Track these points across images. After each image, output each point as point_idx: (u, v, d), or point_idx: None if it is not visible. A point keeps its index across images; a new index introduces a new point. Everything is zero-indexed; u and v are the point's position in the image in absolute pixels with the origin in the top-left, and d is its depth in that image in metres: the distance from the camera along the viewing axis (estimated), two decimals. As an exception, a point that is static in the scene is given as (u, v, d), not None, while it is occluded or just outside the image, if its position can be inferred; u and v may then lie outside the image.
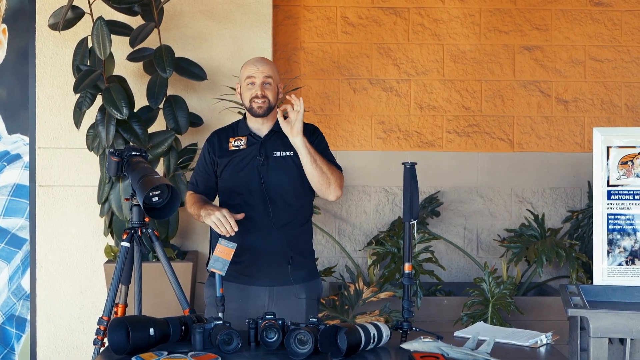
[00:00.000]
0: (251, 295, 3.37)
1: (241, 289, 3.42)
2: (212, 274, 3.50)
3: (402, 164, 3.04)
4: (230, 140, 3.52)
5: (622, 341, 4.70)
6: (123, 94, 4.21)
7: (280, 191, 3.40)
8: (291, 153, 3.45)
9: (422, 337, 2.76)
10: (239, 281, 3.42)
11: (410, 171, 3.03)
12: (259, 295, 3.41)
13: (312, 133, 3.55)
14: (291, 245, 3.45)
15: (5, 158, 4.81)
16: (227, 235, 3.22)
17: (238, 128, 3.56)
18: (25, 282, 4.81)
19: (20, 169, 4.82)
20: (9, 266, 4.80)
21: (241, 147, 3.48)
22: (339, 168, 3.54)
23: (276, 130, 3.49)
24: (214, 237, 3.31)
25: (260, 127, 3.51)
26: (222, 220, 3.23)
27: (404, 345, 2.72)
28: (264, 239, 3.37)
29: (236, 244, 3.17)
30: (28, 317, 4.81)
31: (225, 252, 3.15)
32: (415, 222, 3.02)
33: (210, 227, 3.32)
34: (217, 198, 3.63)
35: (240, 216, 3.31)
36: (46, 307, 4.78)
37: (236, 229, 3.23)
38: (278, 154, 3.46)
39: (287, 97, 3.39)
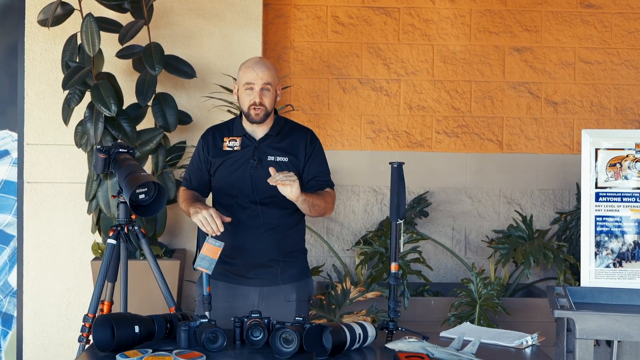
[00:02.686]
0: (240, 294, 3.36)
1: (231, 289, 3.42)
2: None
3: (390, 163, 3.04)
4: (225, 139, 3.48)
5: (609, 343, 4.73)
6: (112, 91, 4.20)
7: (272, 195, 3.33)
8: (285, 159, 3.43)
9: (407, 337, 2.76)
10: (229, 281, 3.41)
11: (397, 171, 3.03)
12: (248, 295, 3.40)
13: (309, 143, 3.51)
14: (281, 246, 3.43)
15: (-7, 154, 4.80)
16: (212, 234, 3.20)
17: (233, 127, 3.51)
18: (12, 279, 4.80)
19: (9, 165, 4.81)
20: (-4, 263, 4.79)
21: (235, 148, 3.45)
22: (331, 185, 3.54)
23: (272, 135, 3.46)
24: (202, 236, 3.29)
25: (256, 129, 3.47)
26: (208, 220, 3.20)
27: (389, 345, 2.73)
28: (254, 241, 3.35)
29: (223, 243, 3.16)
30: (15, 314, 4.80)
31: (212, 250, 3.15)
32: (402, 222, 3.02)
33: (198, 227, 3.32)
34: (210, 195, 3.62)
35: (227, 219, 3.27)
36: (33, 304, 4.76)
37: (222, 230, 3.20)
38: (272, 158, 3.42)
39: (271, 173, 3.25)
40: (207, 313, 3.20)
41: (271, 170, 3.21)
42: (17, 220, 4.78)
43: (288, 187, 3.17)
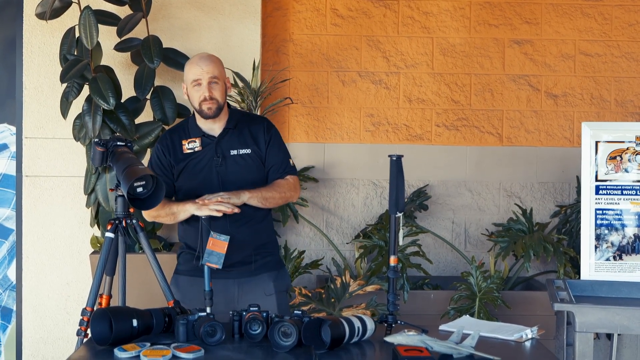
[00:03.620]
0: (220, 288, 3.33)
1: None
2: (178, 272, 3.56)
3: (389, 156, 3.03)
4: (183, 142, 3.46)
5: (609, 336, 4.73)
6: (110, 84, 4.19)
7: (240, 189, 3.37)
8: (248, 150, 3.44)
9: (406, 330, 2.74)
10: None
11: (396, 164, 3.01)
12: (227, 288, 3.41)
13: (266, 131, 3.51)
14: (254, 240, 3.46)
15: (-9, 148, 4.79)
16: (232, 212, 3.24)
17: (189, 129, 3.49)
18: (12, 273, 4.79)
19: (7, 159, 4.80)
20: (-5, 256, 4.78)
21: (196, 149, 3.44)
22: (290, 170, 3.54)
23: (230, 128, 3.46)
24: (206, 232, 3.26)
25: (212, 126, 3.47)
26: (219, 207, 3.25)
27: (388, 339, 2.71)
28: (231, 235, 3.27)
29: (229, 237, 3.15)
30: (14, 308, 4.79)
31: (218, 245, 3.13)
32: (401, 215, 3.01)
33: (201, 221, 3.27)
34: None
35: (237, 210, 3.31)
36: (32, 297, 4.76)
37: (237, 210, 3.28)
38: (235, 152, 3.43)
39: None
40: (208, 308, 3.19)
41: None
42: (16, 214, 4.77)
43: (223, 206, 3.26)
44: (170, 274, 4.37)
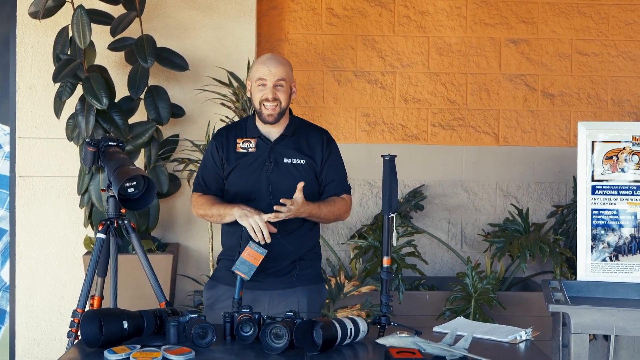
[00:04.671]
0: (249, 299, 3.20)
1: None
2: (215, 278, 3.40)
3: (382, 156, 3.01)
4: (238, 141, 3.34)
5: (606, 337, 4.71)
6: (103, 84, 4.17)
7: (289, 198, 3.19)
8: (302, 161, 3.32)
9: (398, 332, 2.72)
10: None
11: (389, 164, 3.00)
12: (258, 299, 3.27)
13: (326, 145, 3.41)
14: (295, 251, 3.32)
15: (-15, 148, 4.77)
16: (261, 242, 3.10)
17: (247, 128, 3.38)
18: (5, 273, 4.77)
19: (1, 159, 4.78)
20: (-11, 257, 4.76)
21: (250, 150, 3.32)
22: (347, 189, 3.46)
23: (287, 135, 3.34)
24: (245, 239, 3.16)
25: (270, 129, 3.34)
26: (260, 225, 3.11)
27: (380, 341, 2.69)
28: (271, 246, 3.16)
29: (267, 251, 3.05)
30: (7, 309, 4.77)
31: (253, 256, 3.04)
32: (394, 215, 2.99)
33: (244, 229, 3.17)
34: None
35: (274, 230, 3.15)
36: (26, 298, 4.73)
37: (269, 240, 3.11)
38: (289, 160, 3.31)
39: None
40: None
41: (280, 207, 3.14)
42: (10, 214, 4.75)
43: (259, 232, 3.12)
44: (165, 274, 4.37)
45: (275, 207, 3.13)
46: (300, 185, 3.16)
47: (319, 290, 3.43)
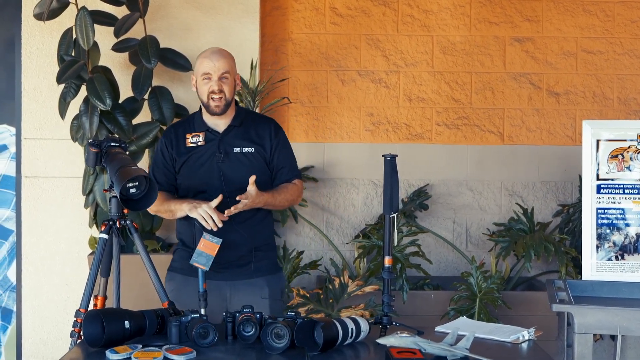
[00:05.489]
0: (212, 288, 3.28)
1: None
2: (172, 269, 3.54)
3: (383, 156, 3.01)
4: (187, 136, 3.46)
5: (613, 337, 4.69)
6: (107, 85, 4.18)
7: (241, 187, 3.32)
8: (252, 149, 3.43)
9: (398, 332, 2.72)
10: None
11: (390, 163, 3.00)
12: (220, 289, 3.38)
13: (274, 133, 3.51)
14: (252, 240, 3.44)
15: (-9, 149, 4.79)
16: (214, 229, 3.20)
17: (194, 123, 3.50)
18: (12, 274, 4.79)
19: (7, 160, 4.79)
20: (-5, 257, 4.78)
21: (199, 143, 3.44)
22: (298, 174, 3.57)
23: (235, 125, 3.46)
24: (198, 232, 3.26)
25: (217, 122, 3.47)
26: (209, 213, 3.22)
27: (380, 341, 2.69)
28: (226, 234, 3.26)
29: (221, 240, 3.13)
30: (14, 309, 4.79)
31: (209, 247, 3.11)
32: (395, 215, 2.99)
33: (196, 221, 3.29)
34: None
35: (225, 217, 3.26)
36: (32, 298, 4.75)
37: (220, 225, 3.23)
38: (239, 150, 3.43)
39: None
40: (202, 310, 3.17)
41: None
42: (16, 214, 4.77)
43: (210, 220, 3.25)
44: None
45: (237, 197, 3.24)
46: (252, 178, 3.28)
47: (277, 279, 3.56)
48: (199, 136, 3.45)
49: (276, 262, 3.63)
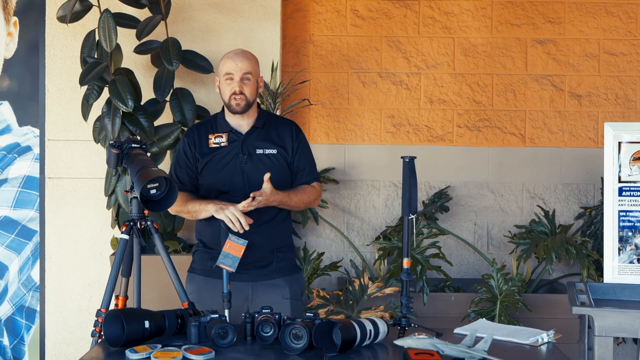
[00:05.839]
0: (234, 289, 3.31)
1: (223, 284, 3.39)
2: (193, 270, 3.57)
3: (401, 157, 3.02)
4: (210, 136, 3.49)
5: (636, 341, 4.65)
6: (129, 87, 4.21)
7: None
8: (274, 151, 3.46)
9: (416, 333, 2.72)
10: (222, 277, 3.37)
11: (409, 165, 3.01)
12: (241, 290, 3.40)
13: (295, 136, 3.53)
14: (274, 241, 3.47)
15: (16, 150, 4.83)
16: (240, 231, 3.22)
17: (217, 124, 3.52)
18: (35, 274, 4.83)
19: (31, 161, 4.84)
20: (19, 257, 4.82)
21: (222, 144, 3.46)
22: (317, 177, 3.59)
23: (258, 127, 3.48)
24: (224, 233, 3.28)
25: (240, 122, 3.49)
26: (236, 215, 3.25)
27: (397, 342, 2.69)
28: (248, 236, 3.30)
29: (247, 241, 3.15)
30: (38, 308, 4.83)
31: (235, 248, 3.14)
32: (414, 217, 2.99)
33: (222, 222, 3.31)
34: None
35: (250, 220, 3.29)
36: (55, 298, 4.80)
37: (247, 228, 3.26)
38: (261, 151, 3.45)
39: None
40: (226, 311, 3.19)
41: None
42: (39, 215, 4.82)
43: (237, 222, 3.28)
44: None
45: (251, 194, 3.27)
46: (267, 176, 3.30)
47: (297, 279, 3.59)
48: (221, 137, 3.47)
49: (295, 262, 3.66)
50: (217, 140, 3.47)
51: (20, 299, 4.84)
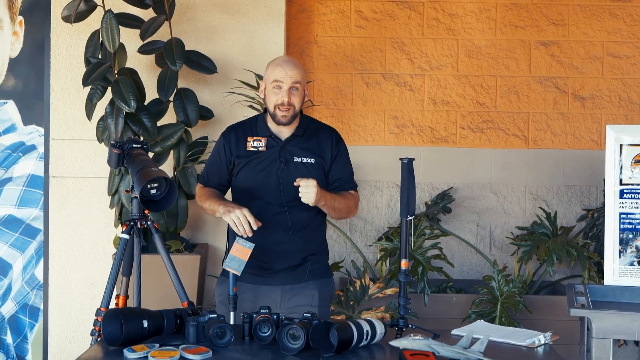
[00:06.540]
0: (263, 294, 3.32)
1: (254, 289, 3.38)
2: (225, 272, 3.47)
3: (400, 159, 3.02)
4: (249, 139, 3.40)
5: (637, 343, 4.65)
6: (132, 87, 4.23)
7: (298, 197, 3.27)
8: (312, 160, 3.38)
9: (412, 334, 2.73)
10: (252, 281, 3.37)
11: (407, 167, 3.01)
12: (271, 294, 3.36)
13: (335, 144, 3.47)
14: (306, 247, 3.40)
15: (21, 149, 4.86)
16: (244, 236, 3.17)
17: (257, 127, 3.44)
18: (39, 272, 4.86)
19: (35, 160, 4.87)
20: (23, 256, 4.84)
21: (260, 148, 3.38)
22: (354, 186, 3.51)
23: (298, 135, 3.40)
24: (232, 235, 3.26)
25: (282, 129, 3.40)
26: (241, 220, 3.17)
27: (393, 343, 2.70)
28: (281, 243, 3.30)
29: (254, 245, 3.13)
30: (41, 307, 4.86)
31: (241, 251, 3.11)
32: (412, 218, 3.00)
33: (229, 226, 3.28)
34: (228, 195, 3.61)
35: (259, 224, 3.21)
36: (58, 296, 4.82)
37: (250, 234, 3.18)
38: (299, 159, 3.37)
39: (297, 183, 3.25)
40: (232, 313, 3.19)
41: (297, 182, 3.21)
42: (44, 214, 4.84)
43: (305, 195, 3.20)
44: (193, 275, 4.42)
45: (297, 182, 3.22)
46: (299, 180, 3.23)
47: (328, 283, 3.51)
48: (260, 141, 3.38)
49: (328, 266, 3.56)
50: (256, 144, 3.39)
51: (23, 297, 4.86)
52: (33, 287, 4.87)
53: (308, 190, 3.20)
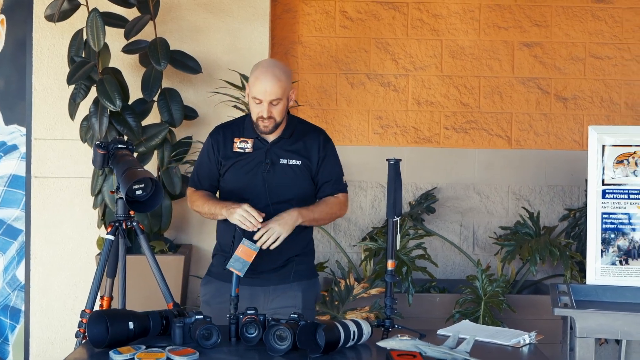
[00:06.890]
0: (245, 294, 3.30)
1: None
2: (209, 273, 3.48)
3: (387, 160, 3.03)
4: (235, 140, 3.39)
5: (618, 341, 4.68)
6: (116, 86, 4.21)
7: (285, 198, 3.30)
8: (299, 162, 3.37)
9: (399, 335, 2.74)
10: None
11: (394, 168, 3.02)
12: (253, 295, 3.34)
13: (323, 145, 3.44)
14: (292, 248, 3.37)
15: (2, 148, 4.83)
16: (254, 229, 3.17)
17: (244, 128, 3.42)
18: (20, 273, 4.83)
19: (17, 160, 4.83)
20: (4, 257, 4.81)
21: (247, 149, 3.36)
22: (341, 188, 3.48)
23: (284, 137, 3.39)
24: (238, 237, 3.22)
25: None
26: (245, 216, 3.17)
27: (380, 343, 2.71)
28: (265, 250, 3.24)
29: (259, 247, 3.11)
30: (22, 308, 4.83)
31: (246, 253, 3.09)
32: (398, 219, 3.00)
33: (236, 226, 3.23)
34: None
35: (262, 214, 3.20)
36: (40, 298, 4.79)
37: (260, 221, 3.17)
38: (285, 161, 3.36)
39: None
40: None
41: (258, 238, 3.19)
42: (25, 214, 4.81)
43: (273, 238, 3.19)
44: (177, 275, 4.41)
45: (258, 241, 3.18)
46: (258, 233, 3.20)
47: (313, 284, 3.49)
48: (247, 142, 3.37)
49: (313, 267, 3.55)
50: (242, 145, 3.37)
51: (4, 298, 4.83)
52: (14, 289, 4.84)
53: (273, 233, 3.20)
